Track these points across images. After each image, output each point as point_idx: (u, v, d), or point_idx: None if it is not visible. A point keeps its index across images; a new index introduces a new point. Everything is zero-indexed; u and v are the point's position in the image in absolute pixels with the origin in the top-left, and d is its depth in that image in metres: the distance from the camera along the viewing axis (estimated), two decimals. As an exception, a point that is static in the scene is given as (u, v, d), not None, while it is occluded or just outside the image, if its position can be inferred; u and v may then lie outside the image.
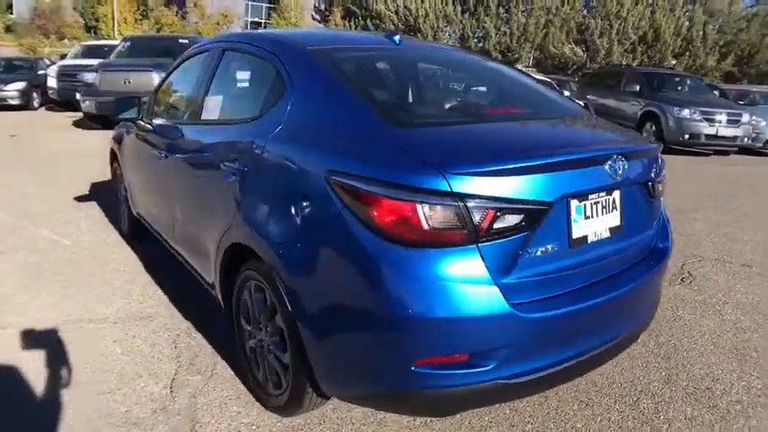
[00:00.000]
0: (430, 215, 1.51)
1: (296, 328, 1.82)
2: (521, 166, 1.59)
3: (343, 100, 1.91)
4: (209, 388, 2.37)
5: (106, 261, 3.77)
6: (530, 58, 25.65)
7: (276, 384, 2.12)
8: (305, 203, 1.74)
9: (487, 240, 1.55)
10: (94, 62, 11.38)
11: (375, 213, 1.54)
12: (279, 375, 2.08)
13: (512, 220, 1.57)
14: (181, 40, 11.56)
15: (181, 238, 2.96)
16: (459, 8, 24.31)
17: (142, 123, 3.48)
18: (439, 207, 1.51)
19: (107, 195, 5.34)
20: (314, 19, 26.72)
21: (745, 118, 11.00)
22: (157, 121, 3.29)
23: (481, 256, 1.54)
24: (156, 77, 9.60)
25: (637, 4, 25.00)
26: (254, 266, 2.07)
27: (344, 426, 2.15)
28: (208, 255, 2.46)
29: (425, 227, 1.51)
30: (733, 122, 10.89)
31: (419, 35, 23.91)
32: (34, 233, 4.28)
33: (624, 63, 25.22)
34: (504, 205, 1.55)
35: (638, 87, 12.10)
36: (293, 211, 1.77)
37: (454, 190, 1.50)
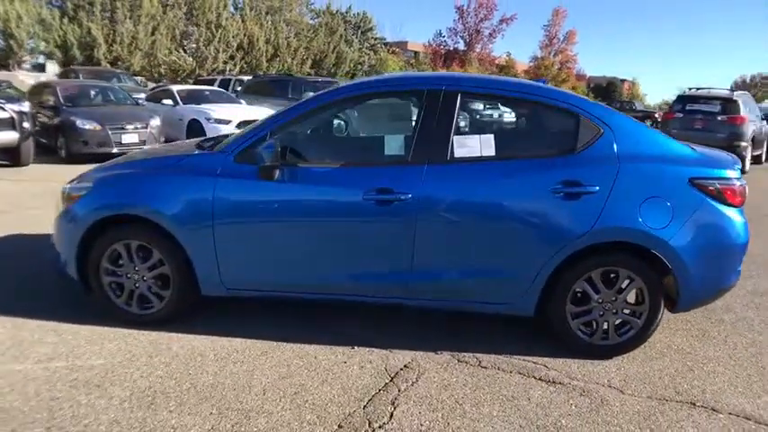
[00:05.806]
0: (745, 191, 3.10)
1: (671, 283, 2.99)
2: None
3: (656, 135, 3.26)
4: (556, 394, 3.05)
5: (210, 362, 3.02)
6: (140, 67, 24.72)
7: (605, 338, 3.10)
8: (673, 198, 2.93)
9: None
10: None
11: (726, 194, 2.98)
12: (620, 328, 3.08)
13: None
14: None
15: (447, 282, 3.07)
16: (57, 12, 21.16)
17: (299, 168, 3.07)
18: (745, 186, 3.08)
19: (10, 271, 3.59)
20: None
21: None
22: (329, 166, 3.13)
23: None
24: None
25: (232, 15, 27.19)
26: (609, 259, 3.00)
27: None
28: (516, 276, 3.00)
29: (744, 197, 3.04)
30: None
31: (13, 41, 19.81)
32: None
33: (228, 69, 27.23)
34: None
35: (311, 93, 14.14)
36: (665, 204, 2.92)
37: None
